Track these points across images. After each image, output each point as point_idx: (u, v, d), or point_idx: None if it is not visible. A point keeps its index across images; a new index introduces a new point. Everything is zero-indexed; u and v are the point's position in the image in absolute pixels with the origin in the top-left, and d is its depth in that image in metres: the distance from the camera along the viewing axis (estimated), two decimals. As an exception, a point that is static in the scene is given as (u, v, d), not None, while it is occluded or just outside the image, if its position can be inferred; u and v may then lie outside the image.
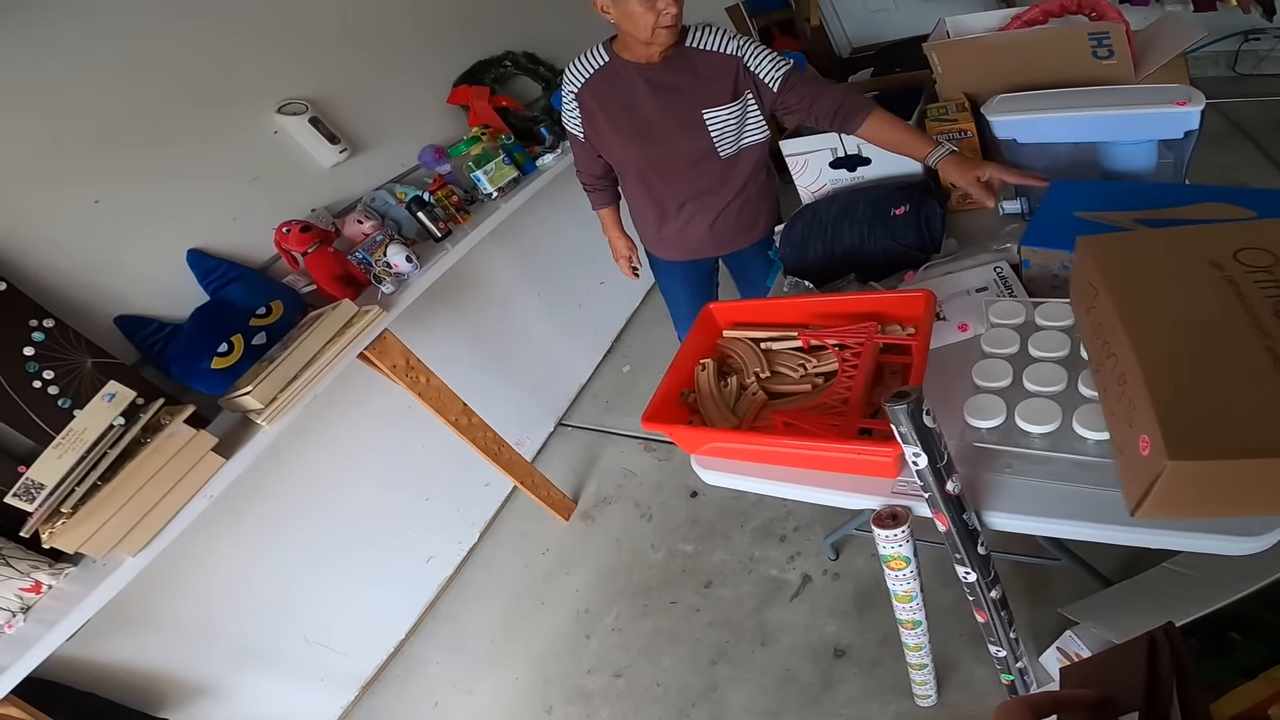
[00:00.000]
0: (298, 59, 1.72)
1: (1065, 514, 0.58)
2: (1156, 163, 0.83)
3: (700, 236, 1.38)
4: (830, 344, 0.78)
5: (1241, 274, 0.48)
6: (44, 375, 1.37)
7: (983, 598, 0.68)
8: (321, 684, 1.76)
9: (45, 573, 1.28)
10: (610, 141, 1.28)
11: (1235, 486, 0.42)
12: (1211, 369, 0.44)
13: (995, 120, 0.86)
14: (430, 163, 1.88)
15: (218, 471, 1.29)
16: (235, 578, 1.61)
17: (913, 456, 0.56)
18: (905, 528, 0.66)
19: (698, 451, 0.84)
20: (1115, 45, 0.87)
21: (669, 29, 1.08)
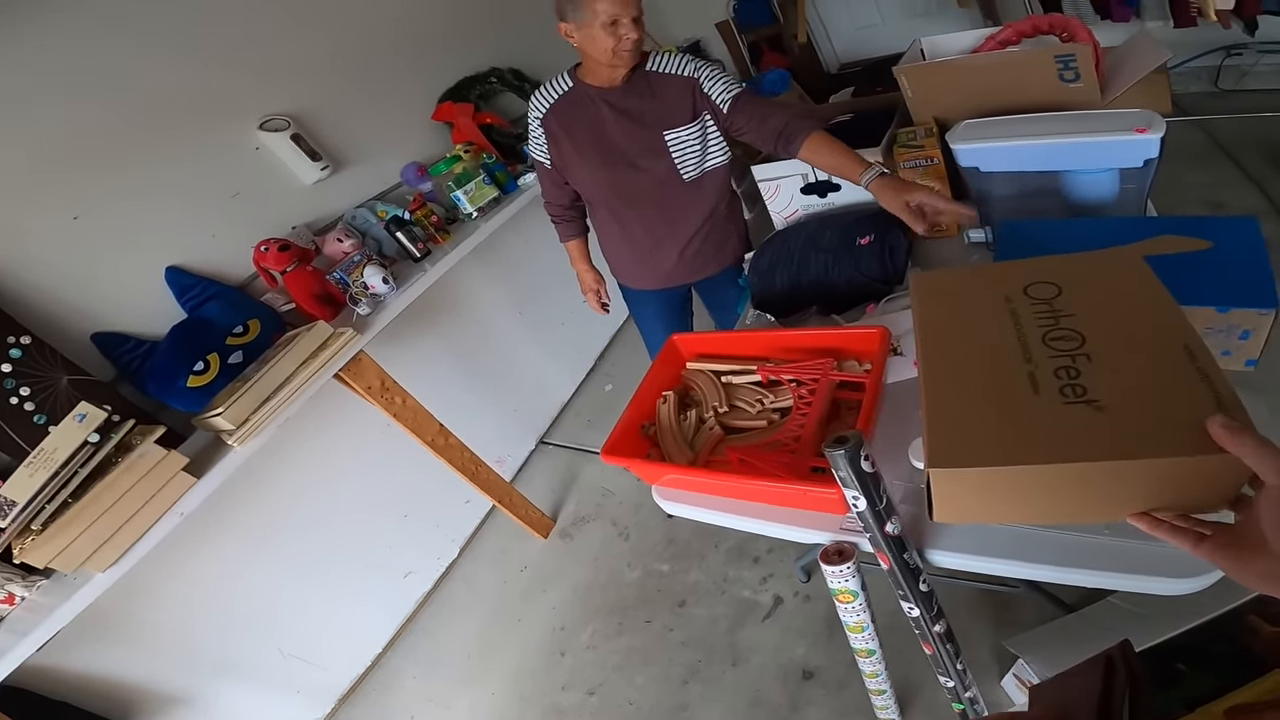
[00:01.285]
0: (280, 75, 1.73)
1: (1007, 554, 0.60)
2: (1119, 190, 0.82)
3: (670, 264, 1.38)
4: (786, 379, 0.80)
5: (1025, 305, 0.53)
6: (20, 392, 1.37)
7: (927, 631, 0.69)
8: (297, 696, 1.75)
9: (18, 585, 1.28)
10: (576, 167, 1.29)
11: (997, 493, 0.47)
12: (980, 391, 0.49)
13: (958, 148, 0.87)
14: (412, 180, 1.89)
15: (189, 490, 1.29)
16: (214, 589, 1.61)
17: (852, 499, 0.57)
18: (851, 564, 0.68)
19: (657, 483, 0.85)
20: (1082, 68, 0.86)
21: (630, 52, 1.11)
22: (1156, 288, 0.50)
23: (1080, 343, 0.48)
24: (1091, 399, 0.45)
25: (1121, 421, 0.43)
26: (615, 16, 1.07)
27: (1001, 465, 0.44)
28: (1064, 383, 0.46)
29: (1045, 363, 0.48)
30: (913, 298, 0.61)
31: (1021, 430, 0.45)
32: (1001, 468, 0.44)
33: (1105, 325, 0.49)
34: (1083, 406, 0.44)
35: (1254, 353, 0.57)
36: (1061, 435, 0.43)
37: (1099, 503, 0.46)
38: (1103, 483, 0.43)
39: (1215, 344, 0.58)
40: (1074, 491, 0.45)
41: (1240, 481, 0.41)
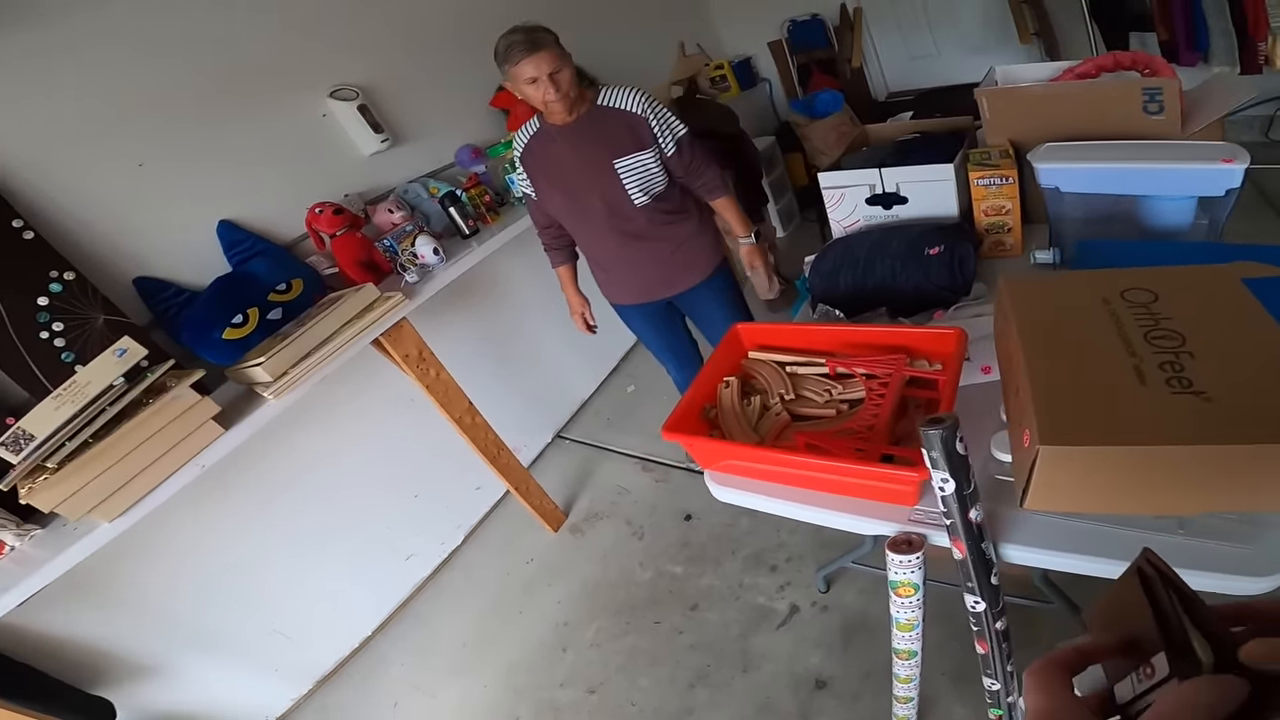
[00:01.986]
0: (354, 48, 1.78)
1: (1076, 549, 0.61)
2: (1194, 218, 0.86)
3: (642, 279, 1.48)
4: (858, 372, 0.82)
5: (1124, 308, 0.56)
6: (53, 327, 1.36)
7: (987, 628, 0.70)
8: (275, 674, 1.71)
9: (11, 532, 1.24)
10: (549, 197, 1.42)
11: (1100, 476, 0.49)
12: (1086, 379, 0.51)
13: (1041, 168, 0.90)
14: (466, 161, 1.93)
15: (214, 441, 1.28)
16: (206, 555, 1.57)
17: (940, 481, 0.59)
18: (919, 555, 0.69)
19: (714, 467, 0.86)
20: (1167, 101, 0.90)
21: (557, 102, 1.26)
22: (1248, 299, 0.53)
23: (1181, 341, 0.51)
24: (1198, 390, 0.47)
25: (1231, 409, 0.45)
26: (533, 76, 1.22)
27: (1114, 445, 0.46)
28: (1169, 375, 0.49)
29: (1149, 357, 0.50)
30: (1004, 296, 0.64)
31: (1131, 415, 0.47)
32: (1112, 447, 0.46)
33: (1204, 327, 0.52)
34: (1190, 397, 0.47)
35: None
36: (1173, 421, 0.45)
37: (1198, 491, 0.47)
38: (1207, 469, 0.45)
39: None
40: (1175, 478, 0.47)
41: None
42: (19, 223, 1.33)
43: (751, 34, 3.27)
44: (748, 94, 3.17)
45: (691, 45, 2.98)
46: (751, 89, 3.24)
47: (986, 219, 1.01)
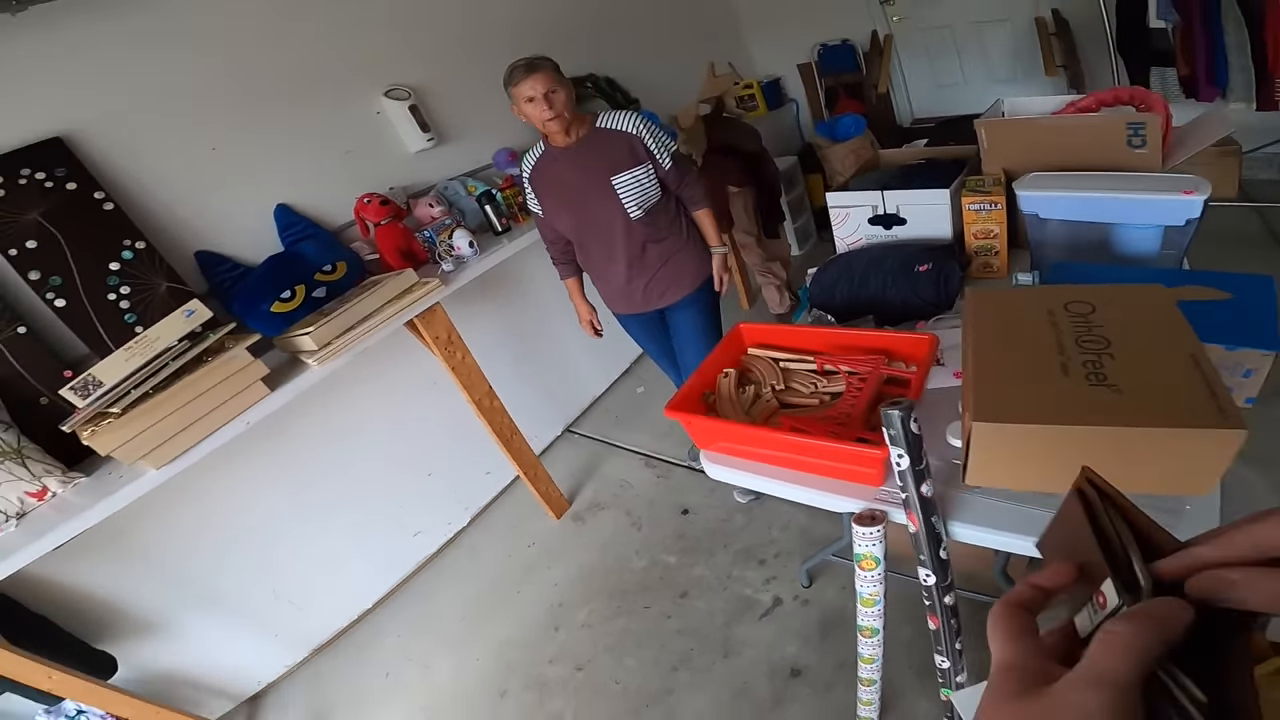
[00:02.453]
0: (410, 51, 1.93)
1: (1015, 529, 0.69)
2: (1161, 246, 0.93)
3: (636, 292, 1.60)
4: (842, 369, 0.91)
5: (1064, 316, 0.66)
6: (121, 290, 1.51)
7: (937, 601, 0.78)
8: (274, 640, 1.78)
9: (55, 479, 1.33)
10: (555, 214, 1.54)
11: (1025, 454, 0.57)
12: (1019, 372, 0.61)
13: (1022, 194, 0.99)
14: (502, 164, 2.07)
15: (260, 400, 1.40)
16: (227, 518, 1.66)
17: (897, 457, 0.68)
18: (880, 528, 0.77)
19: (708, 446, 0.95)
20: (1149, 135, 0.95)
21: (553, 120, 1.38)
22: (1175, 313, 0.62)
23: (1106, 345, 0.60)
24: (1111, 384, 0.56)
25: (1134, 400, 0.53)
26: (531, 95, 1.36)
27: (1033, 423, 0.55)
28: (1089, 371, 0.57)
29: (1075, 356, 0.59)
30: (968, 304, 0.73)
31: (1051, 400, 0.56)
32: (1032, 425, 0.55)
33: (1129, 335, 0.60)
34: (1103, 388, 0.55)
35: (1253, 391, 0.67)
36: (1085, 406, 0.54)
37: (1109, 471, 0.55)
38: (1114, 449, 0.54)
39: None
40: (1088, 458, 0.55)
41: (1222, 468, 0.51)
42: (100, 194, 1.49)
43: (782, 55, 3.39)
44: (775, 114, 3.28)
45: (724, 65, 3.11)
46: (779, 109, 3.35)
47: (976, 241, 1.10)
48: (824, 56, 3.30)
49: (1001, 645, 0.26)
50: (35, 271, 1.39)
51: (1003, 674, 0.25)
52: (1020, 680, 0.24)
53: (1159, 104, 1.01)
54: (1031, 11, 2.78)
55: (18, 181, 1.38)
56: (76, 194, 1.45)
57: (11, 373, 1.36)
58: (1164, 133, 0.99)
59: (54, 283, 1.41)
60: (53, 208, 1.42)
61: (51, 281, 1.41)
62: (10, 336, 1.36)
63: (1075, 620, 0.27)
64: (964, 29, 3.05)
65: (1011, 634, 0.26)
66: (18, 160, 1.38)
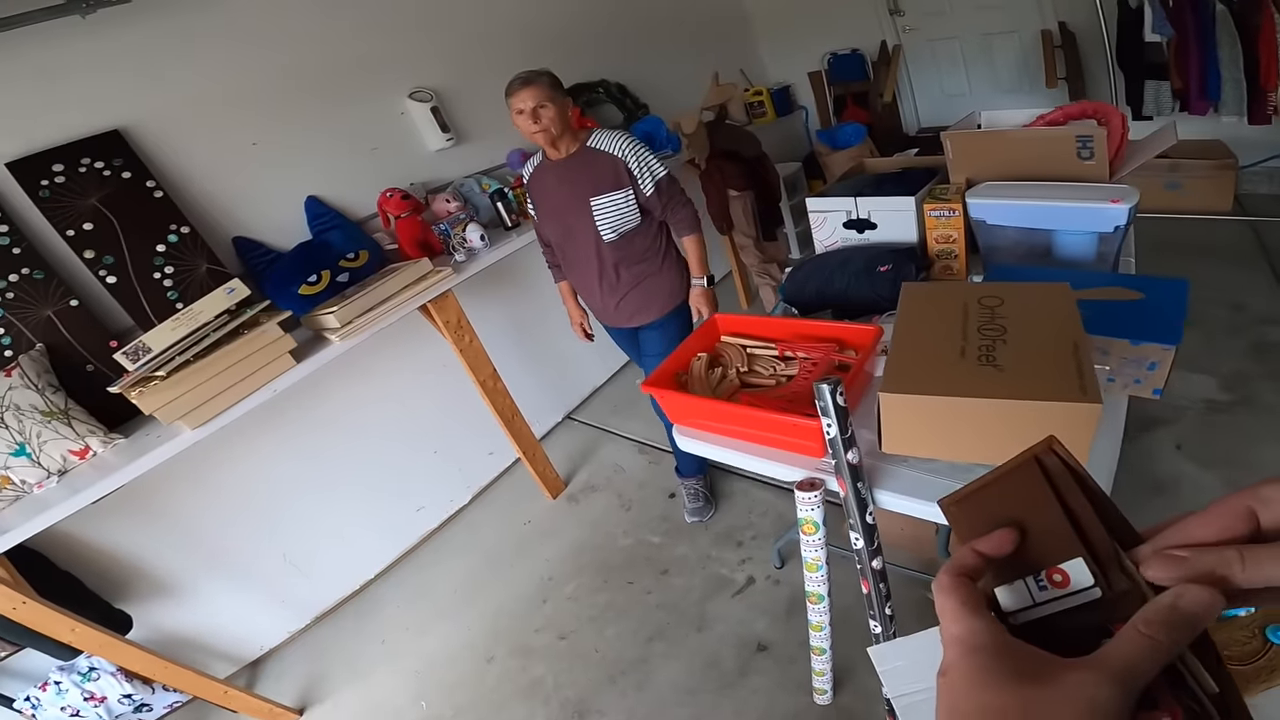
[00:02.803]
0: (432, 55, 2.07)
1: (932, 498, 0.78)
2: (1097, 251, 1.00)
3: (610, 307, 1.65)
4: (799, 355, 1.01)
5: (975, 309, 0.75)
6: (165, 270, 1.67)
7: (867, 565, 0.87)
8: (280, 606, 1.88)
9: (97, 439, 1.45)
10: (544, 222, 1.62)
11: (925, 422, 0.66)
12: (924, 354, 0.71)
13: (970, 201, 1.08)
14: (515, 164, 2.21)
15: (286, 371, 1.54)
16: (240, 483, 1.78)
17: (827, 426, 0.78)
18: (818, 493, 0.87)
19: (679, 421, 1.06)
20: (1096, 148, 1.01)
21: (537, 134, 1.43)
22: (1071, 309, 0.70)
23: (1002, 333, 0.69)
24: (997, 365, 0.65)
25: (1011, 377, 0.63)
26: (520, 108, 1.41)
27: (928, 394, 0.64)
28: (981, 354, 0.67)
29: (974, 341, 0.69)
30: (901, 297, 0.83)
31: (944, 377, 0.65)
32: (926, 396, 0.64)
33: (1025, 325, 0.69)
34: (990, 368, 0.65)
35: (1159, 383, 0.75)
36: (969, 381, 0.64)
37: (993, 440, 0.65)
38: (992, 419, 0.63)
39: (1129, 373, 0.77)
40: (975, 426, 0.65)
41: (1088, 440, 0.60)
42: (152, 183, 1.65)
43: (793, 63, 3.48)
44: (783, 120, 3.36)
45: (734, 72, 3.20)
46: (788, 116, 3.42)
47: (937, 245, 1.18)
48: (834, 65, 3.38)
49: (958, 620, 0.25)
50: (90, 250, 1.54)
51: (972, 652, 0.24)
52: (1006, 659, 0.23)
53: (1116, 118, 1.09)
54: (1039, 24, 2.83)
55: (78, 170, 1.54)
56: (130, 182, 1.61)
57: (62, 341, 1.51)
58: (1117, 146, 1.06)
59: (106, 261, 1.57)
60: (109, 194, 1.58)
61: (104, 260, 1.56)
62: (63, 308, 1.51)
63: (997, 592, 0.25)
64: (972, 40, 3.11)
65: (969, 607, 0.25)
66: (79, 150, 1.54)
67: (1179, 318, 0.79)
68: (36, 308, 1.48)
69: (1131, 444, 1.63)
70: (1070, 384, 0.59)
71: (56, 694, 1.52)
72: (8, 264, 1.44)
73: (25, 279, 1.47)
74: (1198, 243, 2.38)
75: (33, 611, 1.32)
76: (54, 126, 1.50)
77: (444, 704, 1.58)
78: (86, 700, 1.53)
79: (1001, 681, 0.23)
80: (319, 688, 1.75)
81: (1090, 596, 0.24)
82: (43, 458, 1.39)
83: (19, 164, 1.46)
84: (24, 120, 1.46)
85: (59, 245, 1.51)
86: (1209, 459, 1.53)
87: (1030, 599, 0.25)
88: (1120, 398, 0.78)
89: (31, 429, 1.38)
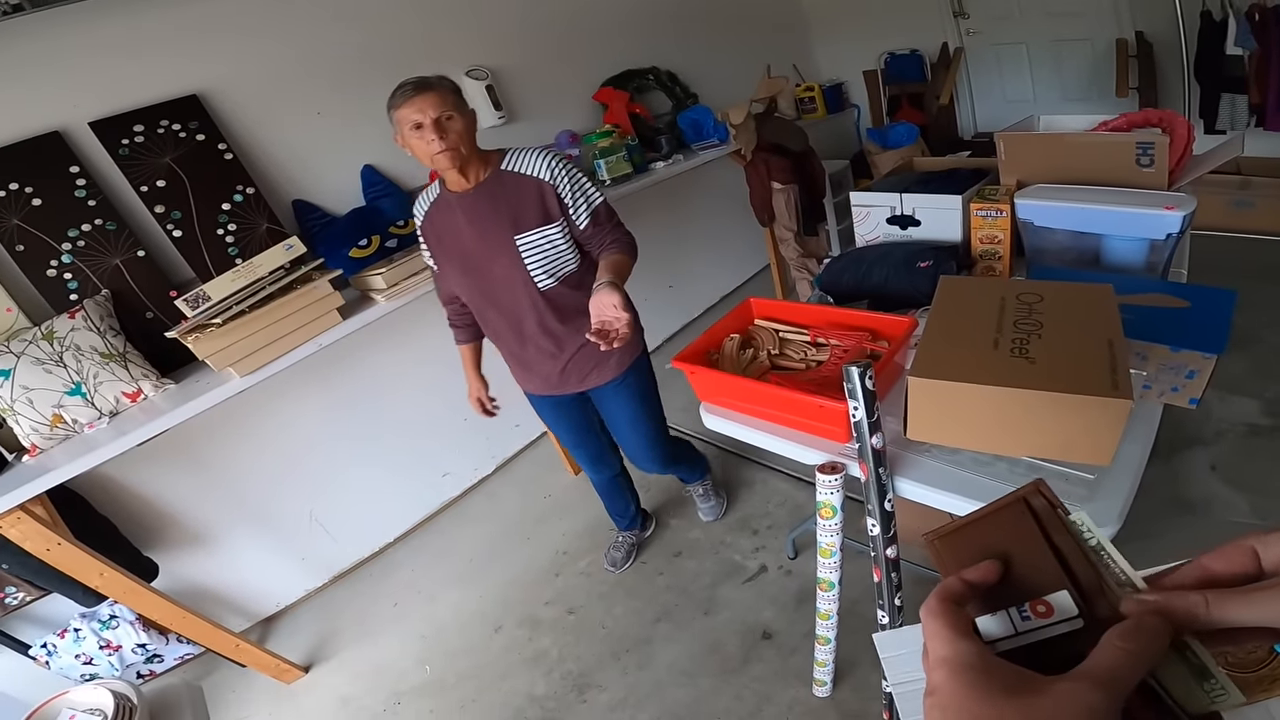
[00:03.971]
0: (489, 34, 2.13)
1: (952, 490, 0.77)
2: (1145, 261, 0.97)
3: (552, 374, 1.33)
4: (831, 342, 1.02)
5: (1013, 304, 0.75)
6: (229, 227, 1.77)
7: (880, 552, 0.88)
8: (302, 563, 1.94)
9: (150, 383, 1.52)
10: (446, 272, 1.28)
11: (953, 410, 0.66)
12: (958, 343, 0.71)
13: (1019, 202, 1.05)
14: (564, 144, 2.25)
15: (332, 327, 1.62)
16: (277, 440, 1.85)
17: (853, 409, 0.78)
18: (839, 477, 0.88)
19: (706, 399, 1.08)
20: (1157, 156, 0.97)
21: (443, 154, 1.09)
22: (1112, 310, 0.69)
23: (1039, 328, 0.69)
24: (1030, 357, 0.65)
25: (1043, 370, 0.63)
26: (416, 121, 1.07)
27: (956, 381, 0.65)
28: (1015, 347, 0.67)
29: (1009, 334, 0.69)
30: (939, 288, 0.83)
31: (976, 365, 0.65)
32: (956, 383, 0.65)
33: (1061, 321, 0.69)
34: (1022, 360, 0.65)
35: (1197, 393, 0.73)
36: (1000, 371, 0.64)
37: (1020, 432, 0.65)
38: (1021, 410, 0.63)
39: (1166, 380, 0.75)
40: (1003, 416, 0.65)
41: (1115, 437, 0.60)
42: (223, 146, 1.75)
43: (848, 61, 3.43)
44: (834, 117, 3.32)
45: (787, 67, 3.17)
46: (839, 113, 3.37)
47: (981, 246, 1.16)
48: (890, 65, 3.30)
49: (949, 642, 0.26)
50: (160, 206, 1.65)
51: (964, 671, 0.25)
52: (992, 676, 0.24)
53: (1181, 128, 1.05)
54: (1115, 32, 2.71)
55: (156, 130, 1.64)
56: (204, 144, 1.71)
57: (126, 288, 1.61)
58: (1180, 155, 1.03)
59: (174, 217, 1.67)
60: (183, 154, 1.68)
61: (173, 215, 1.67)
62: (130, 258, 1.61)
63: (979, 622, 0.27)
64: (1041, 46, 2.99)
65: (956, 630, 0.26)
66: (159, 113, 1.65)
67: (1223, 328, 0.77)
68: (105, 256, 1.59)
69: (1165, 461, 1.57)
70: (1102, 379, 0.59)
71: (74, 641, 1.55)
72: (83, 214, 1.55)
73: (97, 229, 1.57)
74: (1264, 264, 2.26)
75: (66, 554, 1.34)
76: (138, 90, 1.60)
77: (447, 669, 1.62)
78: (102, 648, 1.57)
79: (993, 695, 0.23)
80: (328, 646, 1.80)
81: (1073, 626, 0.26)
82: (96, 398, 1.46)
83: (102, 123, 1.56)
84: (111, 84, 1.57)
85: (132, 200, 1.61)
86: (1242, 482, 1.47)
87: (1013, 629, 0.26)
88: (1155, 406, 0.77)
89: (89, 369, 1.45)
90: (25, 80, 1.47)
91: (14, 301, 1.48)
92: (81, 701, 0.83)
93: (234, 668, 1.73)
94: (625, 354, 1.35)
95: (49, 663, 1.57)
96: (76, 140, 1.54)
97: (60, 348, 1.44)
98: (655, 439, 1.50)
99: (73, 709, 0.82)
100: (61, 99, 1.51)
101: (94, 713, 0.82)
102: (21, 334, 1.45)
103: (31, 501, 1.30)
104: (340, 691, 1.66)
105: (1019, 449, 0.67)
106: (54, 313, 1.51)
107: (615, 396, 1.38)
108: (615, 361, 1.33)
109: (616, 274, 1.13)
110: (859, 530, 0.94)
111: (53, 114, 1.51)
